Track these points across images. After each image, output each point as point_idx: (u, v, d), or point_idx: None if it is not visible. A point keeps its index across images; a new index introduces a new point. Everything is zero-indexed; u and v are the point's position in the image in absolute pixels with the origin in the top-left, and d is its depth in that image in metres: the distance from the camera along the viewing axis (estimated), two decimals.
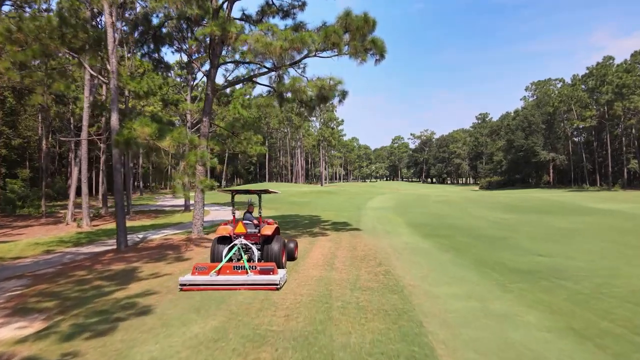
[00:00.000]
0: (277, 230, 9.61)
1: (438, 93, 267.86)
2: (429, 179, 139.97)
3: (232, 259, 8.46)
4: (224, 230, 9.26)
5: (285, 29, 13.90)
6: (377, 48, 13.82)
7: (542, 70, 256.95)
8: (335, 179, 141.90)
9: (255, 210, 10.34)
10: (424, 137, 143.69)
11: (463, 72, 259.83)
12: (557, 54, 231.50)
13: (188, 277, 7.88)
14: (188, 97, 30.00)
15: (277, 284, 7.54)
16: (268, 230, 9.19)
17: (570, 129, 78.50)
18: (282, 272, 8.12)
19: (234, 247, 8.58)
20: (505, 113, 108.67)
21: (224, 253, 8.56)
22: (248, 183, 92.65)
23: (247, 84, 33.33)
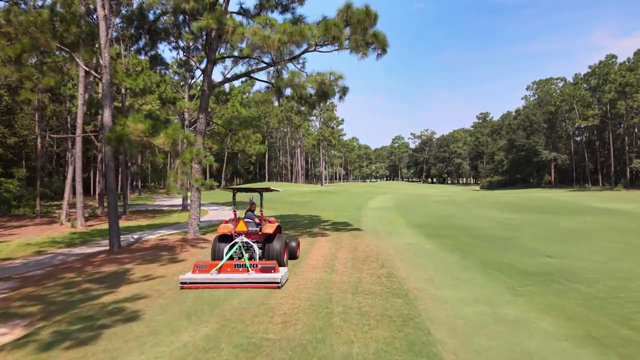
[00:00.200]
0: (278, 229, 9.55)
1: (438, 93, 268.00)
2: (430, 179, 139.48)
3: (233, 257, 8.44)
4: (225, 229, 9.20)
5: (284, 22, 13.46)
6: (379, 42, 13.38)
7: (542, 70, 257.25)
8: (335, 179, 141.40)
9: (257, 209, 10.13)
10: (424, 136, 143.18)
11: (463, 72, 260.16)
12: (557, 54, 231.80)
13: (189, 275, 7.77)
14: (186, 95, 29.61)
15: (278, 282, 7.43)
16: (269, 229, 9.10)
17: (572, 128, 78.18)
18: (283, 270, 8.03)
19: (235, 245, 8.56)
20: (507, 112, 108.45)
21: (225, 251, 8.53)
22: (248, 183, 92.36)
23: (245, 82, 32.98)
